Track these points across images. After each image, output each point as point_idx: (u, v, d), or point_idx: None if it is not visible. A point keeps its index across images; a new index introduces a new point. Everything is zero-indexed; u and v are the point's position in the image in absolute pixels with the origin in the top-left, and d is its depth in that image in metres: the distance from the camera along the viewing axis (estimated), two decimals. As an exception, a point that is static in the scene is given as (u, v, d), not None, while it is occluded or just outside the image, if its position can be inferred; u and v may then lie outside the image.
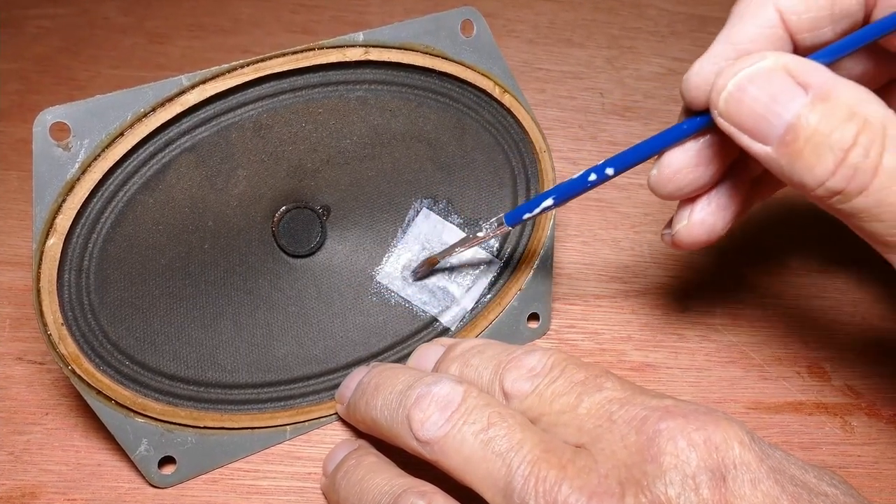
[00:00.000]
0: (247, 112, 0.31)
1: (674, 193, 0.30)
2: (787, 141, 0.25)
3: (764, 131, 0.25)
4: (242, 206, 0.32)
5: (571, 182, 0.31)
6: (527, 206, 0.32)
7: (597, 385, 0.27)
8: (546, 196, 0.31)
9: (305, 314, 0.35)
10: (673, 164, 0.29)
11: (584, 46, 0.58)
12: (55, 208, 0.28)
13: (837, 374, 0.39)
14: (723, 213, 0.31)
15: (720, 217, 0.31)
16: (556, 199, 0.31)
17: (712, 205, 0.31)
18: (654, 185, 0.30)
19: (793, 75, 0.25)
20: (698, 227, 0.31)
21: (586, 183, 0.30)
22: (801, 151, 0.25)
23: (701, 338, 0.40)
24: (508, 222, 0.33)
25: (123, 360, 0.30)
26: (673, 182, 0.30)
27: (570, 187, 0.31)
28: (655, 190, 0.30)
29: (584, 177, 0.30)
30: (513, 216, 0.33)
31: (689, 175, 0.30)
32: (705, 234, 0.31)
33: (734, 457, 0.24)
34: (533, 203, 0.32)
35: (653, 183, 0.30)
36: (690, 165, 0.29)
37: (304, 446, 0.34)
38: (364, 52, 0.32)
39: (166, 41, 0.55)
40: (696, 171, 0.29)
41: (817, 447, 0.36)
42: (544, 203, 0.31)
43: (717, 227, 0.31)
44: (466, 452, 0.26)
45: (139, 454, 0.31)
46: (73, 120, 0.27)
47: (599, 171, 0.30)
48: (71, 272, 0.29)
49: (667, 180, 0.30)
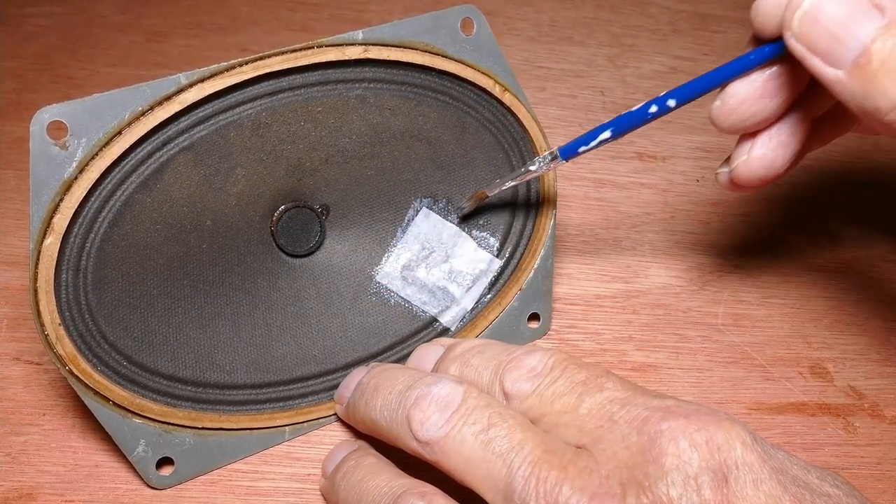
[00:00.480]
0: (245, 111, 0.31)
1: (735, 126, 0.30)
2: (861, 63, 0.24)
3: (838, 54, 0.25)
4: (241, 205, 0.32)
5: (631, 114, 0.30)
6: (583, 138, 0.31)
7: (598, 385, 0.27)
8: (605, 128, 0.31)
9: (304, 314, 0.35)
10: (737, 95, 0.29)
11: (586, 44, 0.58)
12: (52, 208, 0.28)
13: (840, 374, 0.39)
14: (783, 150, 0.30)
15: (780, 154, 0.30)
16: (614, 130, 0.31)
17: (773, 140, 0.30)
18: (715, 117, 0.30)
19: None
20: (758, 163, 0.30)
21: (647, 115, 0.30)
22: (875, 74, 0.24)
23: (703, 338, 0.40)
24: (563, 156, 0.32)
25: (121, 361, 0.30)
26: (736, 113, 0.29)
27: (629, 119, 0.30)
28: (717, 122, 0.30)
29: (644, 108, 0.30)
30: (568, 149, 0.32)
31: (753, 107, 0.29)
32: (765, 170, 0.30)
33: (736, 457, 0.24)
34: (590, 135, 0.31)
35: (715, 115, 0.30)
36: (755, 97, 0.29)
37: (303, 447, 0.34)
38: (363, 51, 0.32)
39: (164, 39, 0.55)
40: (760, 102, 0.29)
41: (820, 448, 0.36)
42: (602, 135, 0.31)
43: (776, 163, 0.30)
44: (466, 453, 0.26)
45: (137, 455, 0.31)
46: (70, 119, 0.27)
47: (661, 103, 0.29)
48: (68, 272, 0.29)
49: (730, 111, 0.29)
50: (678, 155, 0.50)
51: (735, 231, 0.45)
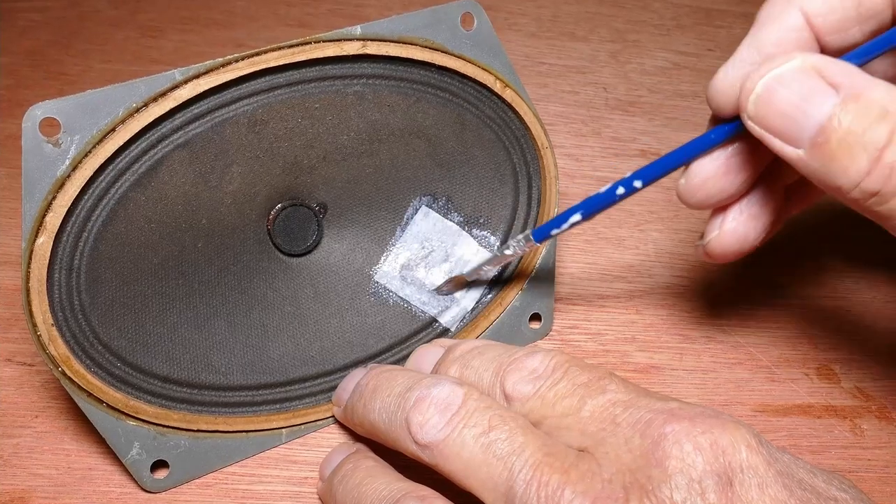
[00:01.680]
0: (241, 107, 0.31)
1: (703, 202, 0.30)
2: (819, 142, 0.24)
3: (795, 134, 0.25)
4: (237, 203, 0.32)
5: (599, 196, 0.31)
6: (555, 221, 0.32)
7: (600, 387, 0.27)
8: (574, 211, 0.32)
9: (301, 314, 0.35)
10: (701, 174, 0.29)
11: (588, 40, 0.58)
12: (45, 206, 0.27)
13: (847, 376, 0.39)
14: (755, 222, 0.31)
15: (752, 227, 0.31)
16: (583, 213, 0.31)
17: (744, 214, 0.31)
18: (682, 195, 0.30)
19: (823, 75, 0.24)
20: (730, 237, 0.31)
21: (614, 196, 0.30)
22: (834, 153, 0.24)
23: (707, 339, 0.40)
24: (536, 238, 0.33)
25: (115, 362, 0.30)
26: (702, 191, 0.30)
27: (597, 201, 0.31)
28: (684, 199, 0.30)
29: (611, 190, 0.30)
30: (540, 232, 0.33)
31: (719, 183, 0.29)
32: (737, 244, 0.31)
33: (741, 460, 0.24)
34: (560, 219, 0.32)
35: (681, 192, 0.30)
36: (719, 174, 0.29)
37: (301, 450, 0.34)
38: (361, 46, 0.32)
39: (159, 35, 0.55)
40: (725, 179, 0.29)
41: (826, 451, 0.36)
42: (572, 218, 0.32)
43: (749, 236, 0.31)
44: (466, 456, 0.26)
45: (131, 458, 0.31)
46: (63, 115, 0.27)
47: (627, 185, 0.30)
48: (61, 271, 0.29)
49: (695, 189, 0.30)
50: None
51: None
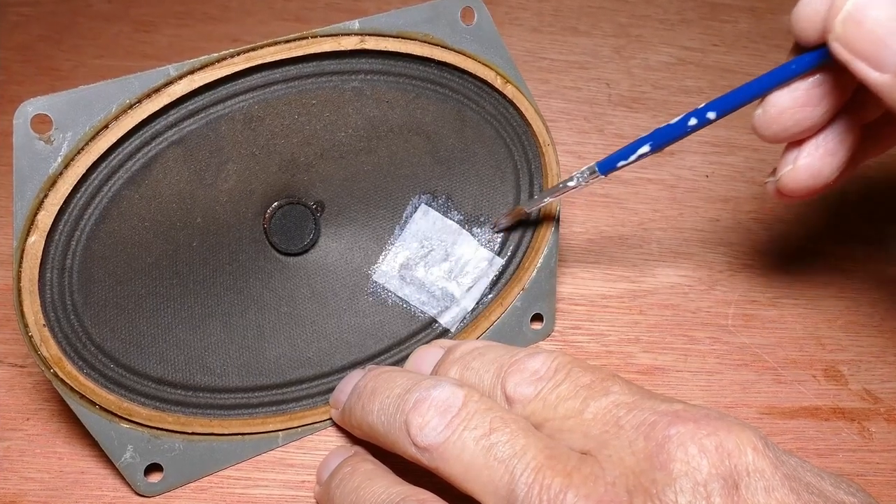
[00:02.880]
0: (237, 103, 0.31)
1: (779, 135, 0.30)
2: None
3: (883, 58, 0.25)
4: (232, 201, 0.32)
5: (669, 127, 0.30)
6: (622, 153, 0.32)
7: (603, 389, 0.27)
8: (643, 142, 0.31)
9: (298, 315, 0.35)
10: (779, 105, 0.29)
11: (591, 35, 0.58)
12: (36, 204, 0.27)
13: (855, 377, 0.39)
14: (831, 158, 0.30)
15: (828, 163, 0.30)
16: (653, 144, 0.31)
17: (820, 149, 0.30)
18: (758, 126, 0.30)
19: None
20: (804, 172, 0.30)
21: (686, 128, 0.30)
22: None
23: (712, 339, 0.40)
24: (601, 170, 0.33)
25: (108, 363, 0.30)
26: (778, 122, 0.29)
27: (668, 132, 0.30)
28: (759, 131, 0.30)
29: (683, 121, 0.30)
30: (607, 163, 0.32)
31: (796, 115, 0.29)
32: (811, 179, 0.30)
33: (747, 463, 0.24)
34: (628, 150, 0.31)
35: (757, 124, 0.30)
36: (797, 105, 0.29)
37: (297, 453, 0.34)
38: (360, 41, 0.32)
39: (153, 29, 0.55)
40: (803, 111, 0.29)
41: (834, 454, 0.36)
42: (641, 149, 0.31)
43: (823, 173, 0.30)
44: (467, 459, 0.26)
45: (124, 461, 0.31)
46: (55, 112, 0.27)
47: (700, 115, 0.30)
48: (53, 271, 0.29)
49: (772, 120, 0.29)
50: (686, 149, 0.50)
51: (746, 229, 0.45)
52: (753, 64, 0.56)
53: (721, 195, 0.47)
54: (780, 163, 0.31)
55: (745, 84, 0.29)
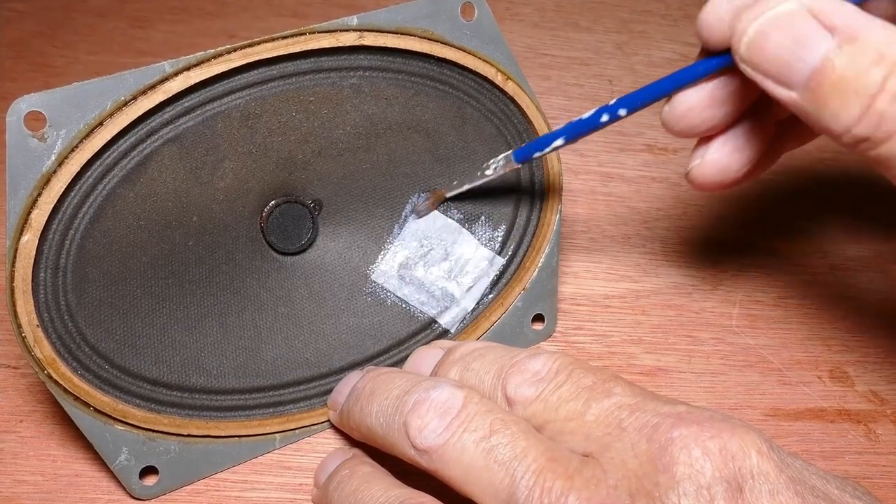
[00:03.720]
0: (234, 100, 0.31)
1: (685, 131, 0.30)
2: (813, 86, 0.25)
3: (788, 76, 0.25)
4: (229, 200, 0.32)
5: (582, 121, 0.31)
6: (537, 143, 0.33)
7: (605, 390, 0.27)
8: (557, 135, 0.32)
9: (296, 315, 0.35)
10: (685, 103, 0.30)
11: (592, 31, 0.58)
12: (30, 203, 0.27)
13: (861, 379, 0.39)
14: (738, 154, 0.31)
15: (735, 159, 0.31)
16: (566, 137, 0.32)
17: (727, 146, 0.31)
18: (665, 122, 0.31)
19: (818, 17, 0.25)
20: (711, 167, 0.31)
21: (598, 123, 0.31)
22: (827, 97, 0.25)
23: (716, 340, 0.40)
24: (517, 159, 0.34)
25: (103, 364, 0.30)
26: (685, 120, 0.30)
27: (580, 126, 0.32)
28: (667, 126, 0.31)
29: (595, 116, 0.31)
30: (522, 153, 0.34)
31: (703, 114, 0.30)
32: (719, 174, 0.31)
33: (751, 466, 0.24)
34: (543, 141, 0.33)
35: (664, 119, 0.31)
36: (703, 105, 0.29)
37: (295, 456, 0.34)
38: (358, 37, 0.32)
39: (148, 25, 0.55)
40: (709, 110, 0.30)
41: (840, 456, 0.36)
42: (555, 142, 0.32)
43: (732, 168, 0.31)
44: (467, 462, 0.26)
45: (119, 464, 0.31)
46: (49, 109, 0.27)
47: (612, 111, 0.31)
48: (47, 271, 0.29)
49: (678, 117, 0.30)
50: (690, 147, 0.49)
51: (751, 227, 0.45)
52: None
53: (725, 193, 0.47)
54: (691, 156, 0.32)
55: (654, 82, 0.30)
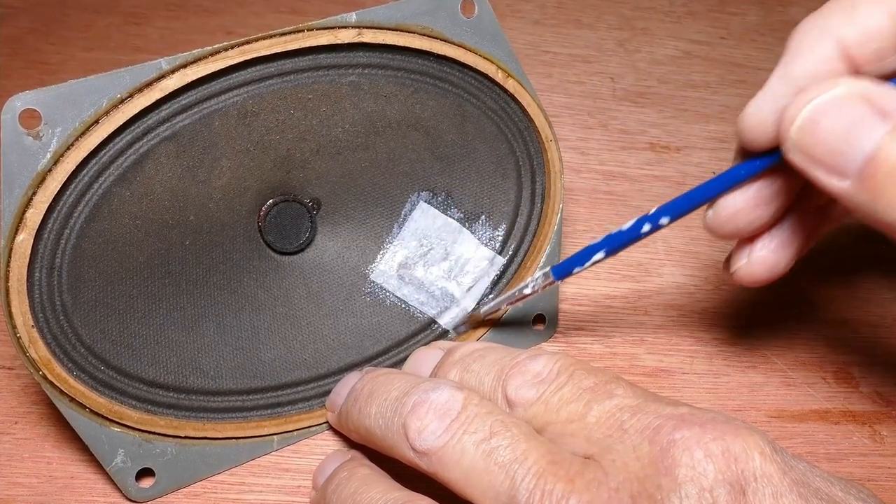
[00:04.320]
0: (231, 98, 0.31)
1: (732, 235, 0.30)
2: (867, 175, 0.24)
3: (841, 165, 0.24)
4: (226, 199, 0.32)
5: (622, 233, 0.31)
6: (576, 259, 0.33)
7: (607, 392, 0.27)
8: (596, 249, 0.32)
9: (294, 315, 0.35)
10: (730, 207, 0.29)
11: (594, 28, 0.58)
12: (25, 202, 0.27)
13: (866, 380, 0.39)
14: (785, 250, 0.31)
15: (782, 255, 0.31)
16: (607, 251, 0.32)
17: (774, 242, 0.31)
18: (710, 227, 0.30)
19: (870, 102, 0.24)
20: (759, 266, 0.31)
21: (639, 234, 0.31)
22: (883, 186, 0.24)
23: (719, 341, 0.40)
24: (556, 276, 0.34)
25: (98, 365, 0.30)
26: (731, 224, 0.29)
27: (621, 238, 0.32)
28: (712, 231, 0.30)
29: (636, 227, 0.31)
30: (561, 269, 0.34)
31: (749, 216, 0.29)
32: (767, 272, 0.31)
33: (755, 469, 0.24)
34: (582, 256, 0.33)
35: (709, 225, 0.30)
36: (749, 206, 0.29)
37: (293, 457, 0.34)
38: (357, 34, 0.32)
39: (144, 22, 0.55)
40: (755, 211, 0.29)
41: (844, 458, 0.36)
42: (595, 257, 0.32)
43: (780, 264, 0.31)
44: (467, 464, 0.26)
45: (115, 466, 0.31)
46: (44, 106, 0.27)
47: (653, 221, 0.30)
48: (42, 270, 0.29)
49: (724, 222, 0.30)
50: (693, 145, 0.50)
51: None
52: (762, 58, 0.56)
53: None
54: (734, 257, 0.32)
55: (695, 188, 0.30)
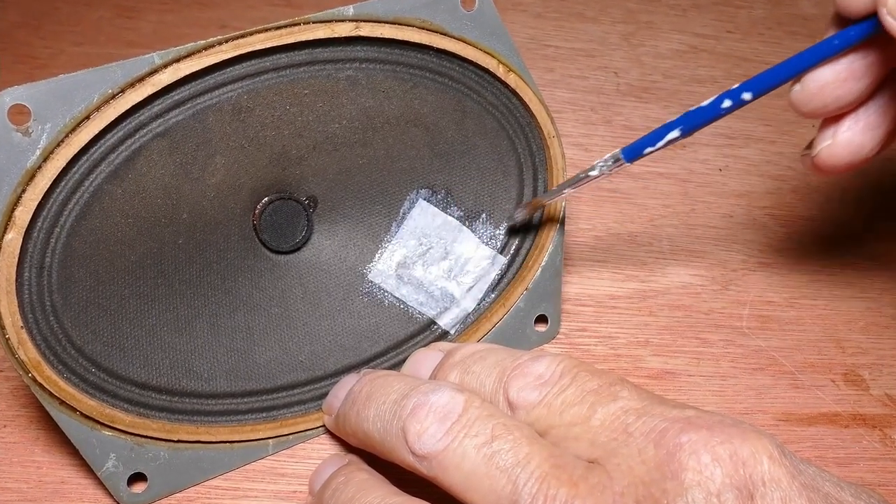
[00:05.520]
0: (225, 93, 0.31)
1: (818, 111, 0.29)
2: None
3: None
4: (220, 196, 0.32)
5: (701, 109, 0.30)
6: (649, 138, 0.31)
7: (611, 394, 0.27)
8: (672, 126, 0.31)
9: (290, 316, 0.35)
10: (818, 80, 0.28)
11: (598, 21, 0.58)
12: (14, 200, 0.27)
13: (877, 382, 0.39)
14: (872, 132, 0.30)
15: (869, 137, 0.30)
16: (683, 129, 0.30)
17: (860, 123, 0.30)
18: (796, 102, 0.29)
19: None
20: (843, 148, 0.30)
21: (720, 110, 0.30)
22: None
23: (726, 342, 0.40)
24: (627, 157, 0.32)
25: (89, 367, 0.30)
26: (818, 98, 0.29)
27: (701, 114, 0.30)
28: (798, 107, 0.29)
29: (716, 103, 0.30)
30: (633, 150, 0.32)
31: (837, 91, 0.28)
32: (851, 155, 0.30)
33: (763, 473, 0.24)
34: (656, 135, 0.31)
35: (795, 100, 0.29)
36: (839, 80, 0.28)
37: (289, 462, 0.34)
38: (354, 28, 0.32)
39: (136, 15, 0.55)
40: (844, 86, 0.28)
41: (854, 462, 0.36)
42: (670, 134, 0.31)
43: (865, 148, 0.30)
44: (468, 468, 0.26)
45: (106, 471, 0.31)
46: (33, 102, 0.27)
47: (735, 96, 0.29)
48: (31, 270, 0.29)
49: (811, 96, 0.29)
50: (699, 142, 0.50)
51: (761, 225, 0.45)
52: (769, 52, 0.56)
53: (735, 190, 0.47)
54: (818, 137, 0.31)
55: (784, 62, 0.28)
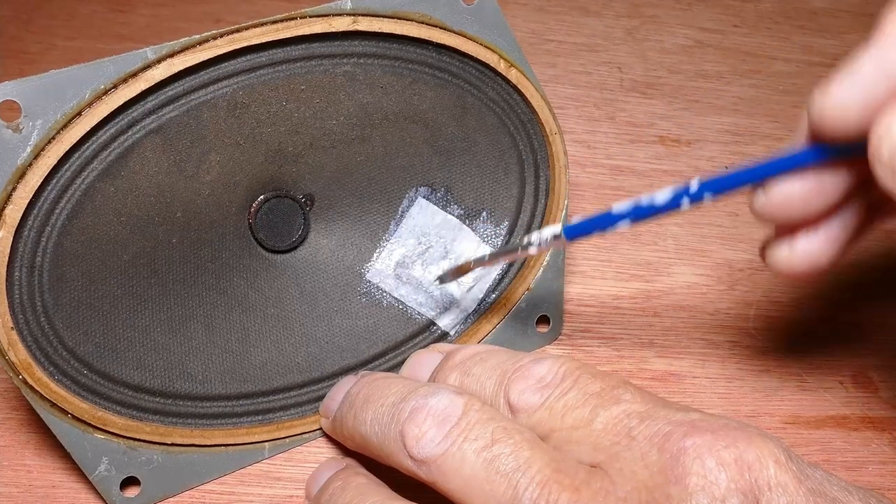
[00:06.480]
0: (220, 89, 0.31)
1: (780, 221, 0.29)
2: None
3: None
4: (215, 194, 0.32)
5: (654, 207, 0.29)
6: (597, 220, 0.30)
7: (614, 397, 0.27)
8: (620, 218, 0.29)
9: (286, 317, 0.35)
10: (784, 191, 0.27)
11: (601, 15, 0.58)
12: (4, 197, 0.27)
13: (886, 384, 0.39)
14: (830, 245, 0.29)
15: (827, 250, 0.29)
16: (633, 219, 0.29)
17: (821, 236, 0.29)
18: (759, 212, 0.28)
19: None
20: (801, 260, 0.29)
21: (675, 207, 0.28)
22: None
23: (732, 343, 0.40)
24: (568, 236, 0.31)
25: (81, 369, 0.30)
26: (781, 210, 0.28)
27: (653, 209, 0.29)
28: (760, 217, 0.28)
29: (674, 202, 0.28)
30: (575, 230, 0.31)
31: (803, 205, 0.27)
32: (809, 266, 0.29)
33: (769, 477, 0.24)
34: (604, 220, 0.30)
35: (757, 207, 0.28)
36: (806, 195, 0.27)
37: (285, 466, 0.34)
38: (352, 22, 0.32)
39: (129, 8, 0.55)
40: (813, 201, 0.27)
41: (863, 466, 0.36)
42: (620, 225, 0.29)
43: (823, 259, 0.29)
44: (467, 473, 0.26)
45: (99, 475, 0.31)
46: (24, 98, 0.27)
47: (695, 197, 0.28)
48: (22, 270, 0.29)
49: (775, 208, 0.28)
50: (705, 139, 0.50)
51: (768, 224, 0.45)
52: (777, 47, 0.56)
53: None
54: (775, 245, 0.30)
55: (749, 167, 0.28)
